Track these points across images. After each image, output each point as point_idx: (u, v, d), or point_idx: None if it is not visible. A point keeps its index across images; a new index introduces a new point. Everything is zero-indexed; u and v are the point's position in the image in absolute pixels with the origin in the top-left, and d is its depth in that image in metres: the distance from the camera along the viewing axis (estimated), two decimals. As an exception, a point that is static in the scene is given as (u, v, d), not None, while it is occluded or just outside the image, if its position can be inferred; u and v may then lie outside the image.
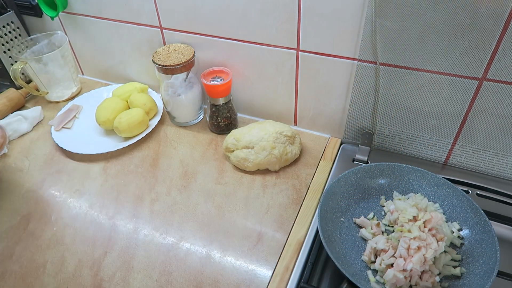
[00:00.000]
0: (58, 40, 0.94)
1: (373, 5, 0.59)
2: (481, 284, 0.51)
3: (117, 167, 0.79)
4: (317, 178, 0.74)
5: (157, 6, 0.79)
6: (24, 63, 0.87)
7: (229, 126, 0.84)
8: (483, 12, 0.54)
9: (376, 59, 0.65)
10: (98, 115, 0.84)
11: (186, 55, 0.78)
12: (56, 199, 0.73)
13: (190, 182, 0.75)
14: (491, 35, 0.56)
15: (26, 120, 0.89)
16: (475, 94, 0.62)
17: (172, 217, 0.69)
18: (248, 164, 0.74)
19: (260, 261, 0.61)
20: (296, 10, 0.67)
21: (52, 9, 0.90)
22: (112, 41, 0.92)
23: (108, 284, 0.59)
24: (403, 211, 0.60)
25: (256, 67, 0.79)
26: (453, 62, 0.60)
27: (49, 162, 0.81)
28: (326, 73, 0.72)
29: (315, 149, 0.80)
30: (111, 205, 0.71)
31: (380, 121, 0.74)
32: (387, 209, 0.64)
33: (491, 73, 0.59)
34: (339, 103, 0.76)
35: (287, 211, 0.68)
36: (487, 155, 0.69)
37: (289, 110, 0.83)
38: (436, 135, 0.71)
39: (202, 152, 0.81)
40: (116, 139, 0.84)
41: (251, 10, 0.70)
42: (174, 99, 0.83)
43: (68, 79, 0.97)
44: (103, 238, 0.66)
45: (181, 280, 0.59)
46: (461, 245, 0.58)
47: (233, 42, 0.77)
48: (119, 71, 0.99)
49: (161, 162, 0.79)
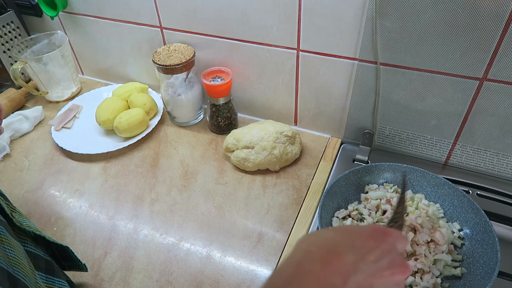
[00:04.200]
0: (58, 40, 0.94)
1: (373, 5, 0.59)
2: (481, 284, 0.51)
3: (117, 167, 0.79)
4: (317, 178, 0.74)
5: (157, 6, 0.79)
6: (24, 63, 0.87)
7: (229, 126, 0.84)
8: (483, 12, 0.54)
9: (376, 59, 0.65)
10: (98, 115, 0.84)
11: (186, 55, 0.78)
12: (56, 199, 0.73)
13: (190, 182, 0.75)
14: (491, 35, 0.55)
15: (27, 120, 0.89)
16: (476, 94, 0.62)
17: (172, 217, 0.68)
18: (249, 164, 0.74)
19: (260, 261, 0.61)
20: (297, 10, 0.67)
21: (52, 9, 0.90)
22: (112, 41, 0.92)
23: (108, 284, 0.59)
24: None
25: (256, 67, 0.79)
26: (454, 62, 0.60)
27: (49, 162, 0.81)
28: (327, 73, 0.72)
29: (315, 149, 0.80)
30: (111, 205, 0.71)
31: (381, 121, 0.74)
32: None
33: (491, 73, 0.59)
34: (340, 103, 0.76)
35: (287, 211, 0.68)
36: (487, 155, 0.69)
37: (289, 110, 0.83)
38: (436, 135, 0.71)
39: (202, 152, 0.81)
40: (116, 139, 0.84)
41: (251, 10, 0.70)
42: (174, 99, 0.83)
43: (68, 79, 0.97)
44: (103, 238, 0.66)
45: (181, 280, 0.59)
46: (462, 245, 0.58)
47: (233, 42, 0.77)
48: (119, 71, 0.99)
49: (161, 162, 0.79)
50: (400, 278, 0.33)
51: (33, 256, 0.46)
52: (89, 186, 0.75)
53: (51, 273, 0.48)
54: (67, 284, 0.50)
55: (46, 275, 0.47)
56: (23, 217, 0.51)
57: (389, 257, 0.33)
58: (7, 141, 0.85)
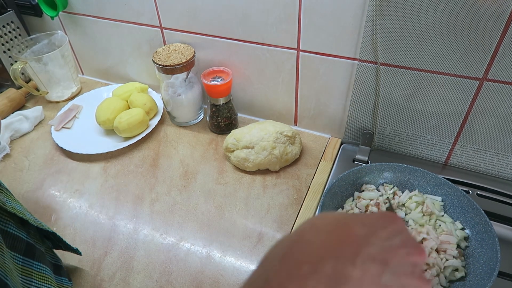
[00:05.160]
0: (58, 40, 0.94)
1: (373, 5, 0.59)
2: (482, 284, 0.51)
3: (117, 167, 0.79)
4: (317, 178, 0.74)
5: (157, 6, 0.79)
6: (24, 63, 0.87)
7: (229, 126, 0.84)
8: (483, 12, 0.54)
9: (376, 59, 0.65)
10: (98, 115, 0.84)
11: (186, 55, 0.78)
12: (56, 199, 0.73)
13: (190, 182, 0.75)
14: (492, 35, 0.55)
15: (28, 120, 0.89)
16: (476, 94, 0.62)
17: (172, 217, 0.68)
18: (249, 164, 0.74)
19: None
20: (297, 10, 0.67)
21: (52, 9, 0.90)
22: (112, 41, 0.92)
23: (108, 284, 0.59)
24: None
25: (257, 67, 0.79)
26: (454, 62, 0.60)
27: (49, 162, 0.81)
28: (327, 73, 0.72)
29: (315, 149, 0.80)
30: (111, 205, 0.71)
31: (381, 121, 0.74)
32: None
33: (491, 73, 0.59)
34: (340, 103, 0.76)
35: (287, 211, 0.68)
36: (487, 155, 0.69)
37: (289, 110, 0.83)
38: (436, 135, 0.71)
39: (202, 152, 0.81)
40: (116, 139, 0.84)
41: (251, 10, 0.70)
42: (174, 99, 0.83)
43: (68, 79, 0.97)
44: (103, 238, 0.66)
45: (181, 280, 0.59)
46: (466, 247, 0.57)
47: (233, 42, 0.77)
48: (119, 71, 0.99)
49: (161, 162, 0.79)
50: (417, 260, 0.30)
51: (12, 236, 0.46)
52: (89, 186, 0.75)
53: (30, 256, 0.48)
54: (49, 270, 0.50)
55: (23, 257, 0.47)
56: (10, 198, 0.51)
57: (401, 237, 0.30)
58: (7, 141, 0.85)
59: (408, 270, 0.29)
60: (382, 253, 0.28)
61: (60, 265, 0.57)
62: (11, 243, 0.45)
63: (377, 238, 0.29)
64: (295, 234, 0.30)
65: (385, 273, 0.27)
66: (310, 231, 0.30)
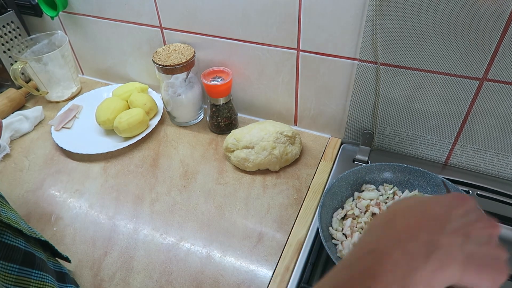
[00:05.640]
0: (58, 40, 0.94)
1: (373, 5, 0.59)
2: (481, 284, 0.51)
3: (117, 167, 0.79)
4: (317, 178, 0.74)
5: (157, 6, 0.79)
6: (24, 63, 0.87)
7: (229, 126, 0.84)
8: (483, 12, 0.54)
9: (376, 59, 0.65)
10: (98, 115, 0.84)
11: (186, 55, 0.78)
12: (56, 199, 0.73)
13: (190, 182, 0.75)
14: (492, 35, 0.55)
15: (28, 120, 0.89)
16: (476, 94, 0.62)
17: (172, 217, 0.68)
18: (249, 164, 0.74)
19: (260, 261, 0.61)
20: (297, 10, 0.67)
21: (52, 9, 0.90)
22: (112, 41, 0.92)
23: (108, 284, 0.59)
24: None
25: (257, 67, 0.79)
26: (454, 62, 0.60)
27: (49, 162, 0.81)
28: (327, 73, 0.72)
29: (315, 149, 0.80)
30: (111, 205, 0.71)
31: (381, 121, 0.74)
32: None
33: (491, 73, 0.59)
34: (340, 103, 0.76)
35: (287, 211, 0.68)
36: (487, 155, 0.69)
37: (289, 110, 0.83)
38: (436, 135, 0.71)
39: (202, 152, 0.81)
40: (116, 139, 0.84)
41: (251, 10, 0.70)
42: (174, 99, 0.83)
43: (68, 79, 0.97)
44: (103, 238, 0.66)
45: (181, 280, 0.59)
46: None
47: (233, 42, 0.77)
48: (119, 71, 0.99)
49: (161, 162, 0.79)
50: (493, 232, 0.34)
51: (7, 247, 0.46)
52: (89, 186, 0.75)
53: (28, 265, 0.47)
54: (50, 278, 0.50)
55: (20, 266, 0.46)
56: (5, 207, 0.50)
57: (475, 214, 0.34)
58: (7, 141, 0.85)
59: (486, 241, 0.33)
60: (463, 227, 0.33)
61: (65, 272, 0.56)
62: (4, 254, 0.45)
63: (456, 215, 0.33)
64: (388, 213, 0.36)
65: (468, 243, 0.32)
66: (400, 210, 0.35)
